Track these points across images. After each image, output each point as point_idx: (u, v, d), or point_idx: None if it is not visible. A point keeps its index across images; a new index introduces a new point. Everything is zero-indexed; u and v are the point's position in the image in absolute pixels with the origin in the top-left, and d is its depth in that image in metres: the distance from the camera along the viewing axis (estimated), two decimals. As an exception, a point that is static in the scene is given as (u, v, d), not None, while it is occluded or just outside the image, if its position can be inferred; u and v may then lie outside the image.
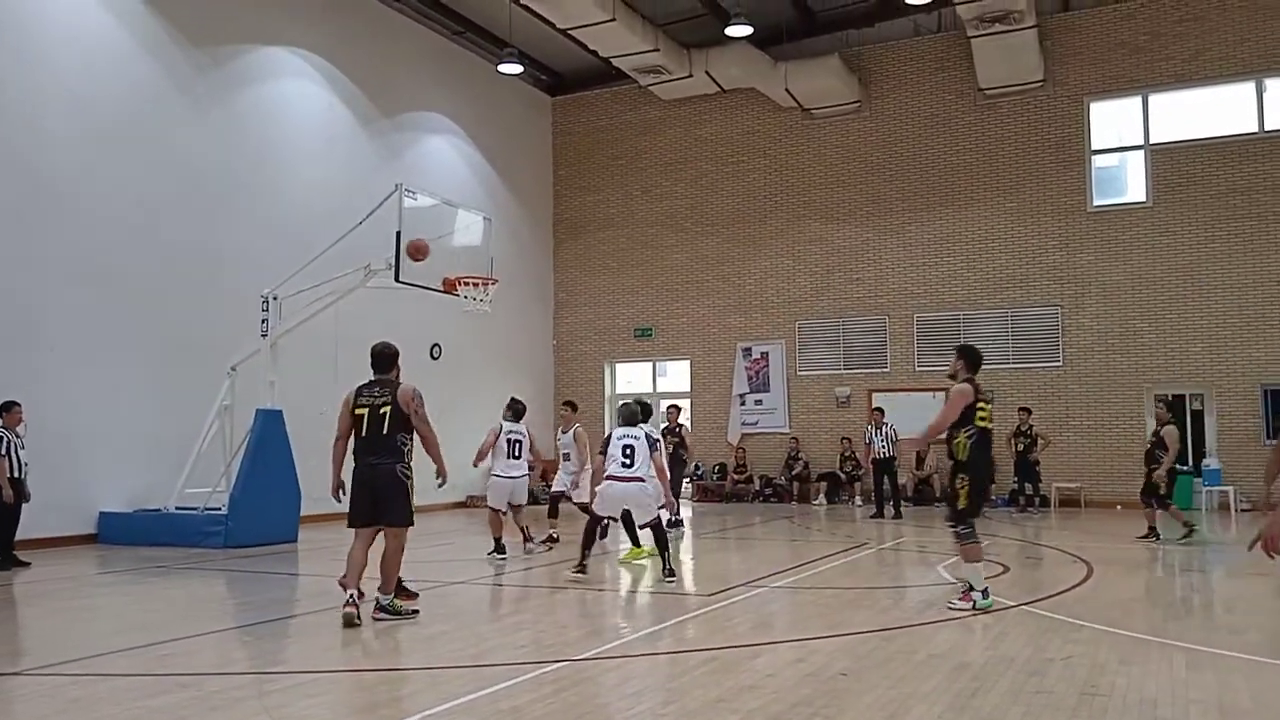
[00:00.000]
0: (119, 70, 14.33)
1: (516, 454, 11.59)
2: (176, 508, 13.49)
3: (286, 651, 7.06)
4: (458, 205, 15.14)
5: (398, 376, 7.57)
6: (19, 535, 11.11)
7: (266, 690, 5.55)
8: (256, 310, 13.68)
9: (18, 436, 10.90)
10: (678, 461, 15.37)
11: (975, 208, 20.27)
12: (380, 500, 7.22)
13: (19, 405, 10.79)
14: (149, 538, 12.78)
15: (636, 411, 10.11)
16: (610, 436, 9.86)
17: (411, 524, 7.35)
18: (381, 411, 7.29)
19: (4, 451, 10.65)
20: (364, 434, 7.29)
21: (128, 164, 14.25)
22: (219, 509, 13.06)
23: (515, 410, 11.78)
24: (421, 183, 15.58)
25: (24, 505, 10.93)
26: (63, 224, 13.33)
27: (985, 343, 19.91)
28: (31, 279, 12.91)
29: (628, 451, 9.56)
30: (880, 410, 17.85)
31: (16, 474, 10.74)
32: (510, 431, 11.62)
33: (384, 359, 7.70)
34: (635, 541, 11.25)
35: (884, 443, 17.14)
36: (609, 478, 9.54)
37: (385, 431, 7.25)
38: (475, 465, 11.82)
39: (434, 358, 19.46)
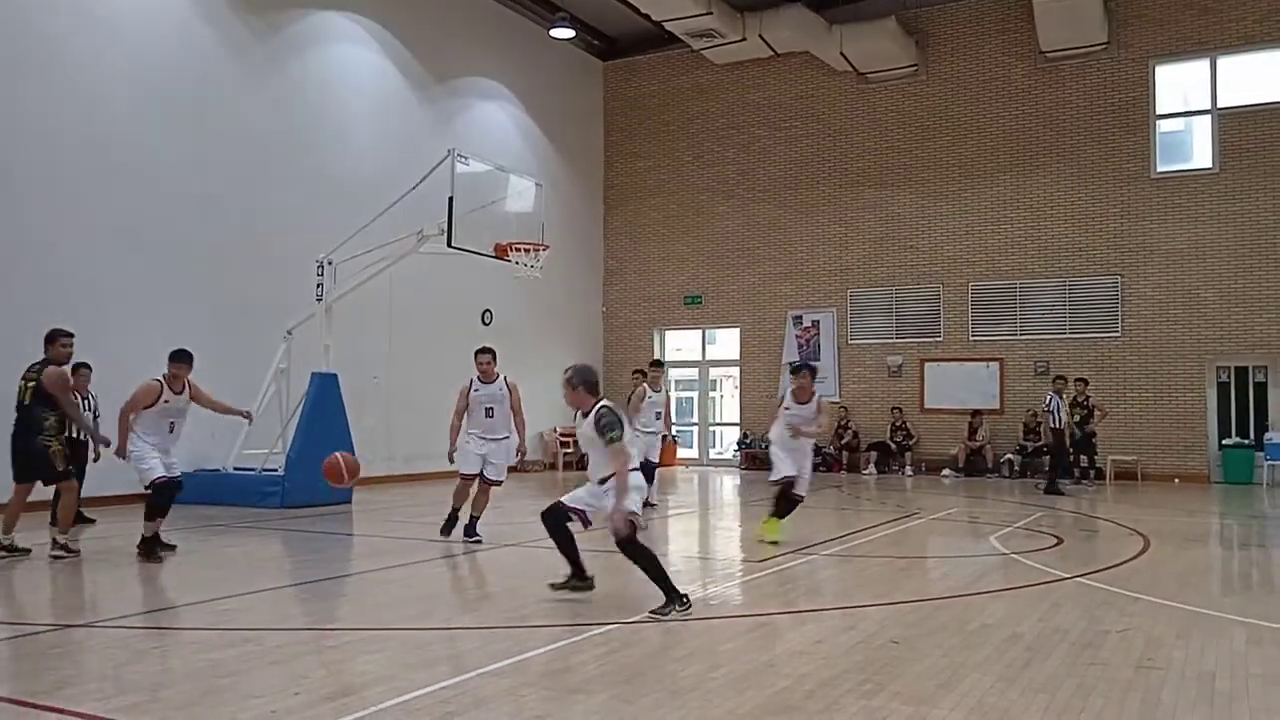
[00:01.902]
0: (178, 38, 14.49)
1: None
2: (235, 468, 13.77)
3: (342, 609, 7.20)
4: (509, 171, 15.14)
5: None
6: (85, 493, 11.40)
7: (324, 646, 5.67)
8: (312, 275, 13.85)
9: (83, 399, 11.14)
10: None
11: (1034, 174, 19.86)
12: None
13: (88, 368, 10.96)
14: (208, 497, 13.06)
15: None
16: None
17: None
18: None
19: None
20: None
21: (186, 131, 14.44)
22: (276, 470, 13.31)
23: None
24: (474, 148, 15.60)
25: (88, 465, 11.19)
26: (122, 191, 13.56)
27: (1042, 312, 19.66)
28: (92, 245, 13.17)
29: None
30: (1063, 378, 17.08)
31: (78, 435, 10.97)
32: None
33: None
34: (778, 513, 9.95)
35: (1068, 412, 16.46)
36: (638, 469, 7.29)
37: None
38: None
39: (485, 323, 19.58)
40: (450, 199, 12.89)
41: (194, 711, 4.36)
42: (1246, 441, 17.86)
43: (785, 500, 9.98)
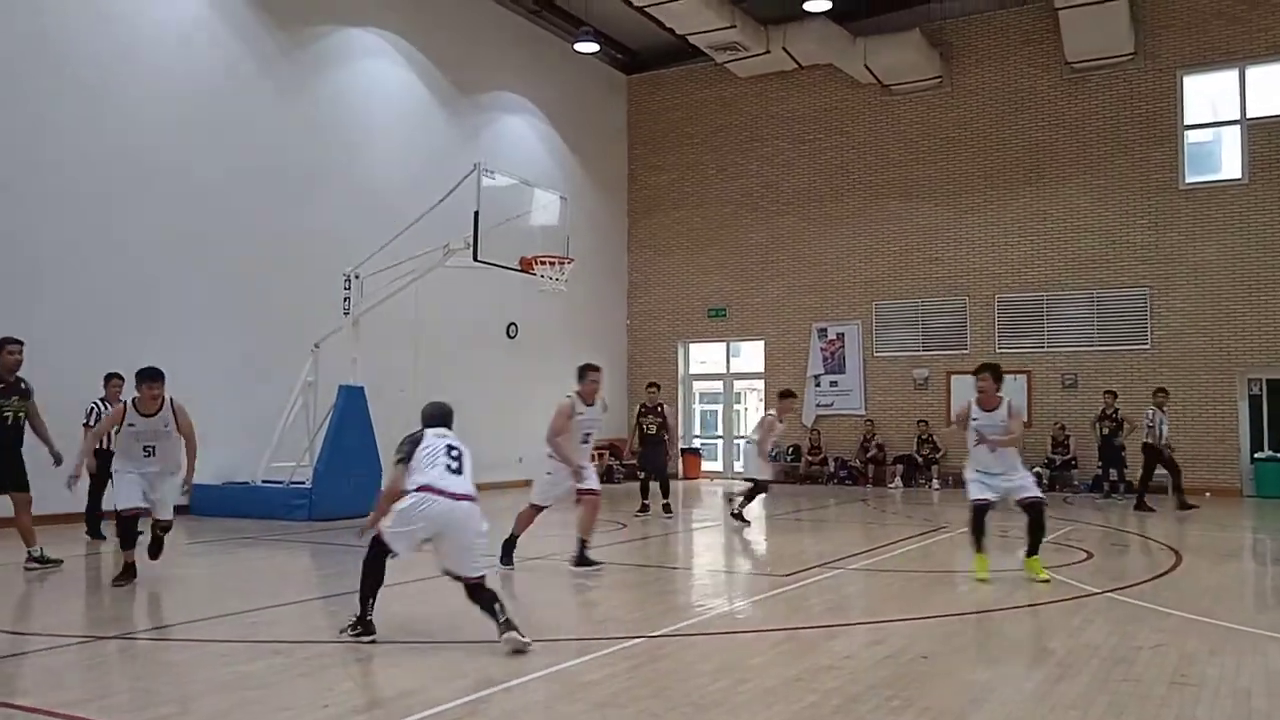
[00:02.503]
0: (210, 55, 14.69)
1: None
2: (263, 481, 13.87)
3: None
4: (534, 185, 15.22)
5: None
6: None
7: (352, 658, 5.69)
8: (339, 289, 13.96)
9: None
10: (657, 444, 14.42)
11: (1060, 185, 19.74)
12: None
13: (120, 379, 10.96)
14: (237, 509, 13.16)
15: (450, 412, 6.72)
16: (420, 437, 6.26)
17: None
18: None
19: (90, 422, 10.89)
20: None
21: (216, 146, 14.61)
22: (303, 483, 13.39)
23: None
24: (498, 162, 15.69)
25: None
26: (153, 205, 13.73)
27: (1069, 325, 19.51)
28: (124, 259, 13.33)
29: (454, 454, 6.14)
30: (1164, 391, 15.82)
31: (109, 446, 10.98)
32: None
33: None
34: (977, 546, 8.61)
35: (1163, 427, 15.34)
36: (426, 489, 5.85)
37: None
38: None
39: (510, 336, 19.66)
40: (476, 213, 12.97)
41: (225, 723, 4.39)
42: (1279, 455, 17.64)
43: (1037, 528, 8.38)
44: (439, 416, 6.51)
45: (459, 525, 5.81)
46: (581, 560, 8.88)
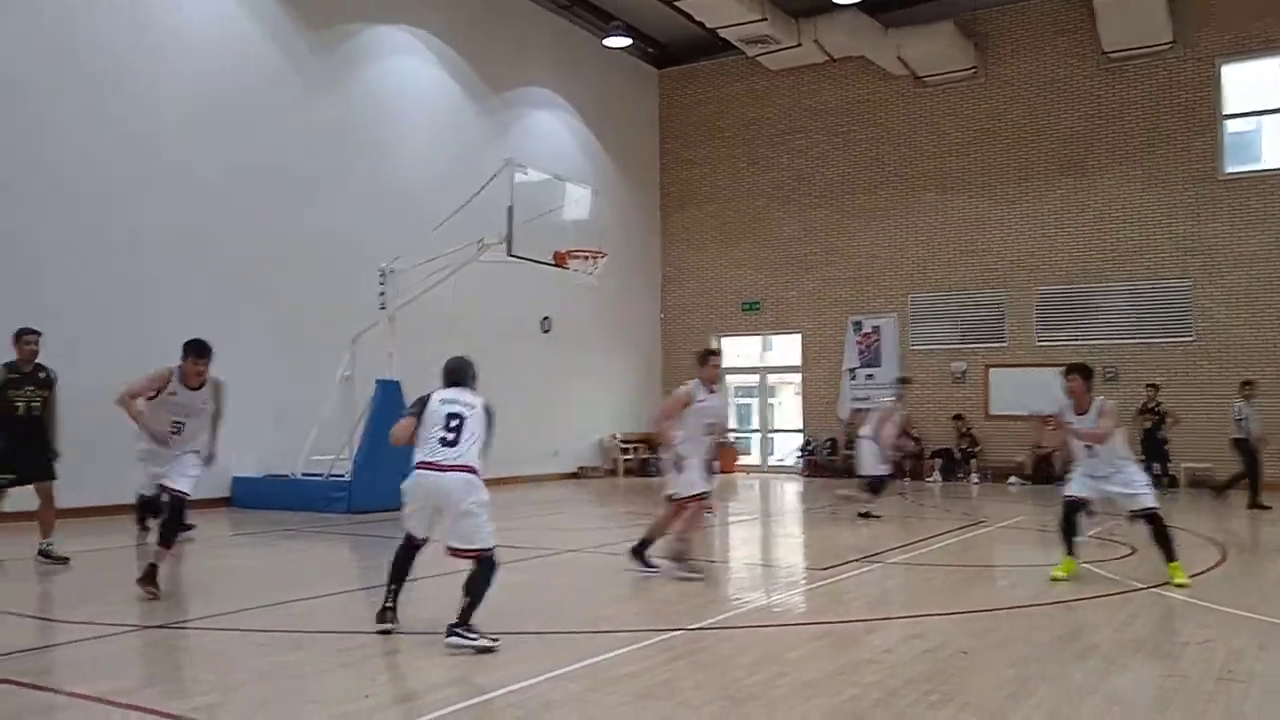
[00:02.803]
0: (242, 55, 14.81)
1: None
2: (303, 474, 14.01)
3: (410, 612, 7.27)
4: (566, 179, 15.24)
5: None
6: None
7: (393, 649, 5.74)
8: (374, 284, 14.07)
9: None
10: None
11: (1098, 176, 19.47)
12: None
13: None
14: (277, 502, 13.31)
15: (467, 368, 6.33)
16: (428, 399, 6.17)
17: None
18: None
19: None
20: None
21: (251, 145, 14.73)
22: (342, 475, 13.51)
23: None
24: (530, 157, 15.73)
25: None
26: (189, 205, 13.85)
27: (1110, 317, 19.26)
28: (164, 258, 13.50)
29: (453, 424, 6.00)
30: (1250, 383, 14.91)
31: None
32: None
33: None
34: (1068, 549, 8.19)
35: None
36: (419, 465, 6.01)
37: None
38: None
39: (545, 330, 19.72)
40: (509, 208, 13.02)
41: (267, 712, 4.44)
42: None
43: (1161, 538, 7.93)
44: (453, 374, 6.28)
45: (449, 497, 5.83)
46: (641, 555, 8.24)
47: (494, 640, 5.50)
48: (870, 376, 21.47)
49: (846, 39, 19.86)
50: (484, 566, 5.78)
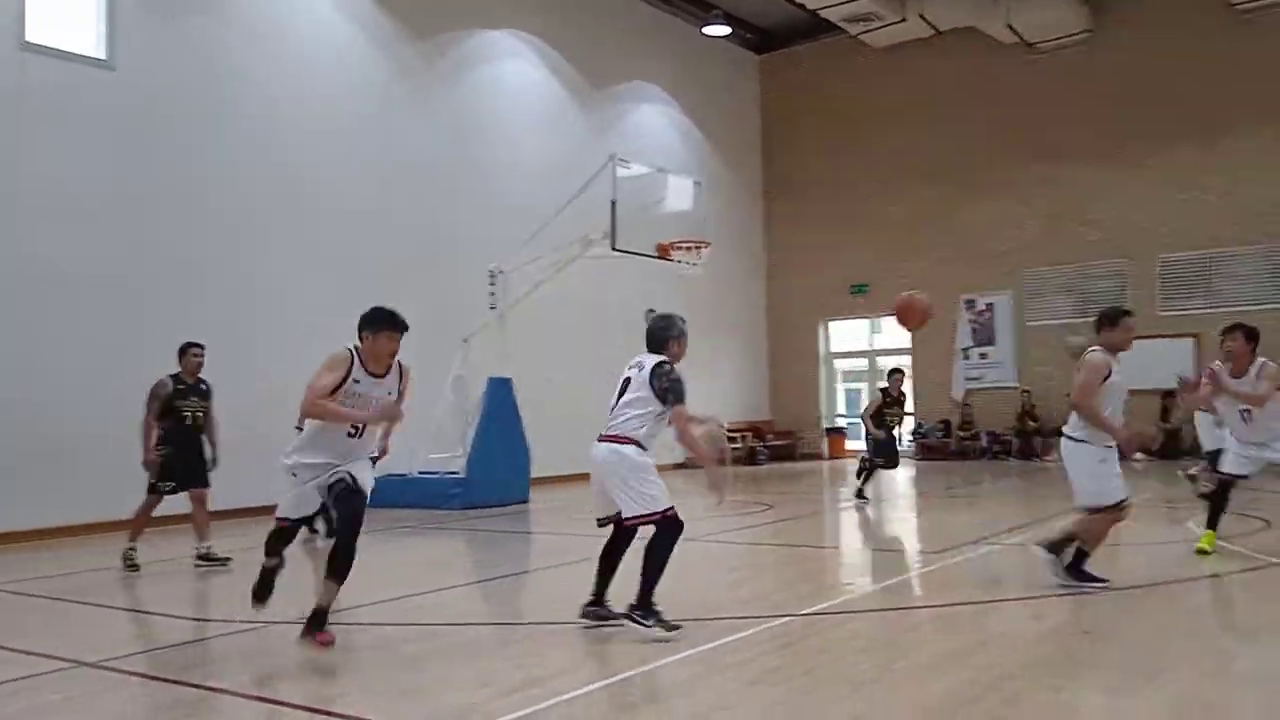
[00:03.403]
0: (354, 66, 15.33)
1: None
2: (419, 472, 14.41)
3: (525, 604, 7.45)
4: (669, 171, 15.27)
5: None
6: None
7: (509, 639, 5.89)
8: (483, 284, 14.36)
9: None
10: (892, 435, 13.07)
11: (1227, 136, 18.52)
12: None
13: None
14: (397, 500, 13.71)
15: (658, 329, 5.96)
16: None
17: None
18: None
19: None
20: None
21: (363, 154, 15.24)
22: (457, 473, 13.86)
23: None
24: (633, 151, 15.80)
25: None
26: (308, 213, 14.41)
27: (1241, 283, 18.34)
28: (280, 264, 14.04)
29: (622, 389, 5.79)
30: None
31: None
32: None
33: None
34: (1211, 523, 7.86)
35: None
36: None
37: None
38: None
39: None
40: (613, 203, 13.12)
41: (392, 703, 4.61)
42: None
43: (1221, 501, 7.86)
44: (648, 336, 5.93)
45: (598, 469, 5.70)
46: (1080, 573, 6.63)
47: (674, 627, 5.40)
48: (984, 355, 20.94)
49: (952, 10, 19.36)
50: (657, 534, 5.53)
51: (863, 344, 23.34)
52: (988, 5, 19.18)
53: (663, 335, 5.84)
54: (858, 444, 23.08)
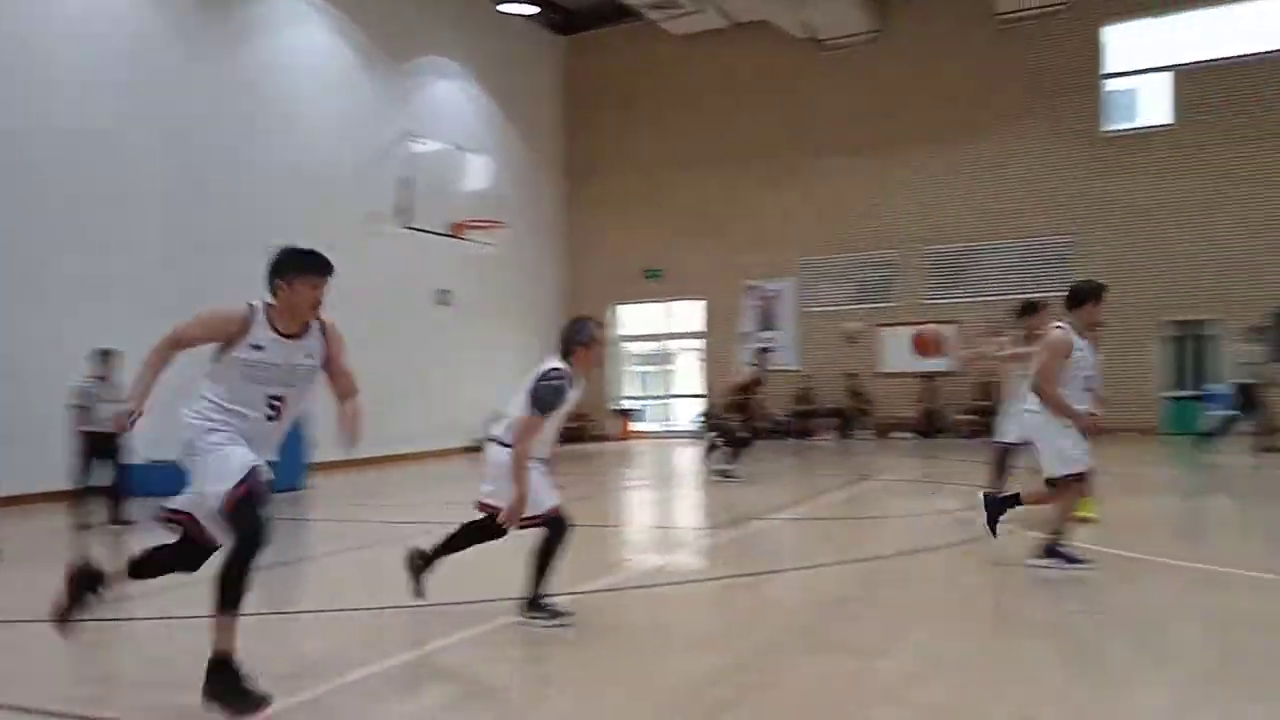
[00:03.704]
0: (131, 31, 14.18)
1: None
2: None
3: (296, 591, 7.22)
4: (465, 149, 15.08)
5: None
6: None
7: (275, 628, 5.68)
8: (264, 258, 13.72)
9: None
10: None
11: (990, 137, 20.00)
12: None
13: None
14: (159, 488, 12.94)
15: (563, 334, 5.61)
16: None
17: None
18: None
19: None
20: None
21: (141, 120, 14.14)
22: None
23: None
24: (430, 128, 15.53)
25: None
26: (84, 180, 13.29)
27: (997, 274, 19.92)
28: (47, 232, 12.92)
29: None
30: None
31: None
32: None
33: None
34: None
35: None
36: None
37: None
38: None
39: (442, 303, 19.49)
40: (405, 179, 12.84)
41: (141, 696, 4.39)
42: (1191, 394, 18.27)
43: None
44: (559, 338, 5.58)
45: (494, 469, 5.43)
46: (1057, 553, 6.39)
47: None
48: (769, 339, 21.87)
49: (748, 3, 19.93)
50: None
51: (657, 327, 23.84)
52: (781, 1, 19.87)
53: (567, 340, 5.51)
54: (645, 425, 23.70)
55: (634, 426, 23.25)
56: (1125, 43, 19.40)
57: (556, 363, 5.40)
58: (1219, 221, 18.26)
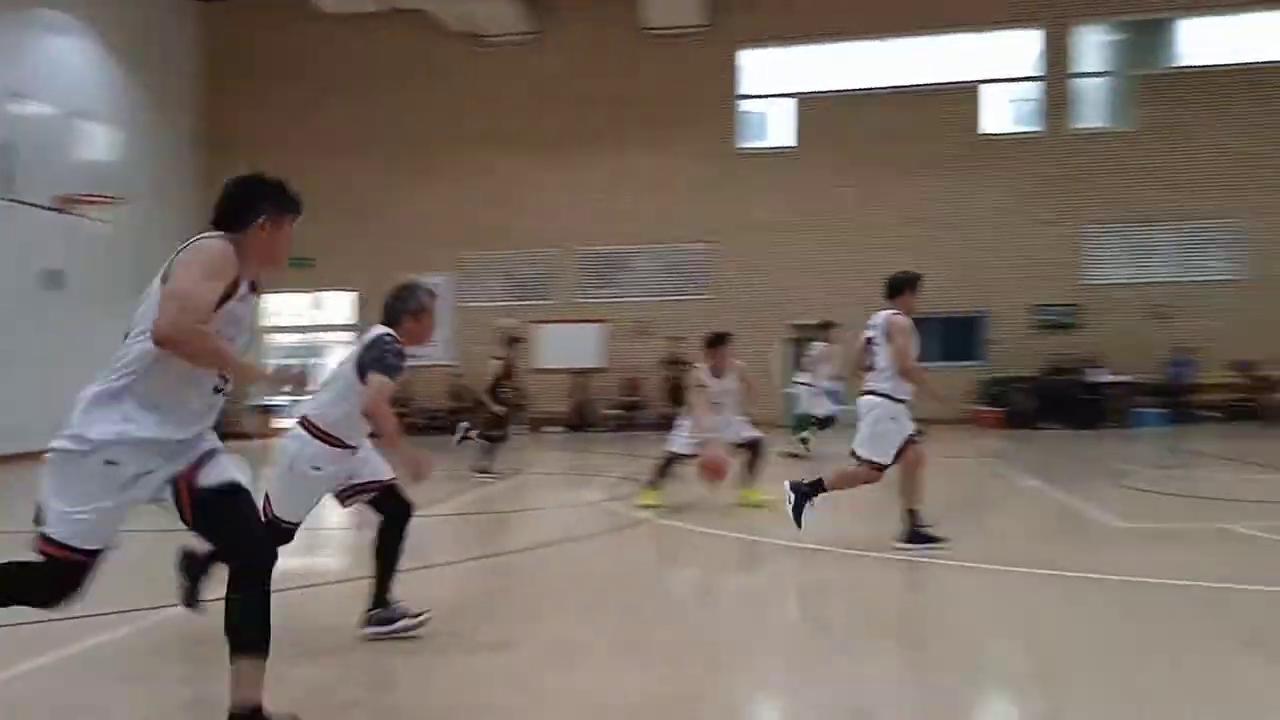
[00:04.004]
0: None
1: None
2: None
3: None
4: (82, 115, 13.58)
5: None
6: None
7: None
8: None
9: None
10: None
11: (637, 145, 21.00)
12: None
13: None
14: None
15: (387, 299, 5.24)
16: None
17: None
18: None
19: None
20: None
21: None
22: None
23: None
24: (42, 88, 13.79)
25: None
26: None
27: (644, 276, 20.97)
28: None
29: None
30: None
31: None
32: None
33: None
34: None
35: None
36: None
37: None
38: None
39: (53, 284, 17.42)
40: (5, 144, 11.35)
41: None
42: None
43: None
44: (384, 306, 5.10)
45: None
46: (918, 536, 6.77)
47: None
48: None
49: (402, -15, 19.53)
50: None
51: (304, 319, 22.80)
52: (438, -10, 19.68)
53: (395, 309, 4.97)
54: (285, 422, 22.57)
55: (277, 424, 22.03)
56: (758, 67, 21.16)
57: (385, 330, 4.78)
58: (834, 235, 20.36)
